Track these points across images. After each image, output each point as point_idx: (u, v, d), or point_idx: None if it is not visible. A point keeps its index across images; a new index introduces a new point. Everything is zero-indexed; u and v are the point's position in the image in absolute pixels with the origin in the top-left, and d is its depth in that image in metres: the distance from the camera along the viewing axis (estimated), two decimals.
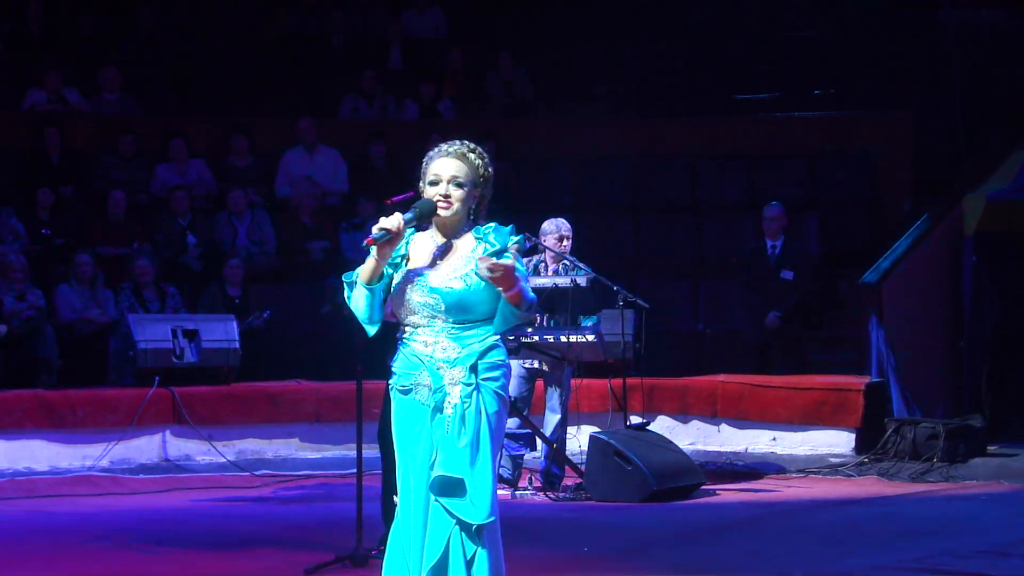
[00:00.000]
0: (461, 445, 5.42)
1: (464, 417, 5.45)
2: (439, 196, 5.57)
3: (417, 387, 5.54)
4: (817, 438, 12.54)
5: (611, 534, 9.05)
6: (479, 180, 5.63)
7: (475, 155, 5.66)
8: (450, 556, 5.40)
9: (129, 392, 12.35)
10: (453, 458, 5.41)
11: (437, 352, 5.52)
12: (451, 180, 5.58)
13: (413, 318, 5.56)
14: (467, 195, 5.59)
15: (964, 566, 7.81)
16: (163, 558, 8.30)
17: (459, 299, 5.50)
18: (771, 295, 13.73)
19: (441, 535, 5.41)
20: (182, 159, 15.94)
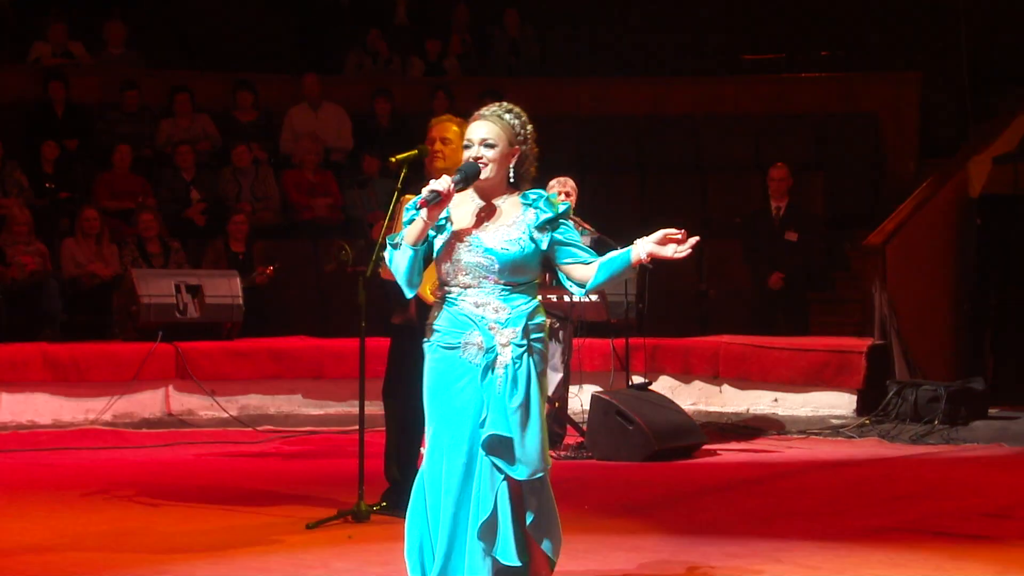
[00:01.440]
0: (513, 406, 5.50)
1: (516, 378, 5.53)
2: (472, 159, 5.63)
3: (466, 346, 5.59)
4: (819, 399, 12.55)
5: (613, 492, 9.08)
6: (515, 139, 5.69)
7: (511, 115, 5.72)
8: (499, 512, 5.50)
9: (132, 346, 12.37)
10: (505, 418, 5.49)
11: (488, 312, 5.58)
12: (481, 142, 5.64)
13: (464, 278, 5.61)
14: (500, 156, 5.64)
15: (965, 528, 7.83)
16: (165, 511, 8.33)
17: (514, 261, 5.58)
18: (775, 256, 13.73)
19: (490, 492, 5.50)
20: (187, 114, 15.93)
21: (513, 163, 5.70)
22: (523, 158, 5.72)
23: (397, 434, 8.13)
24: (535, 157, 5.77)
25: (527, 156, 5.74)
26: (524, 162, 5.73)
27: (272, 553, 7.08)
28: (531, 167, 5.76)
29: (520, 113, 5.76)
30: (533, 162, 5.76)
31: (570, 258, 5.67)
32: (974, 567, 6.78)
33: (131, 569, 6.67)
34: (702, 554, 7.03)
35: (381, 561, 6.85)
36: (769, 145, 16.35)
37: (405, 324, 8.00)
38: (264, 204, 15.29)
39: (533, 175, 5.79)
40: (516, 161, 5.71)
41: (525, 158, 5.73)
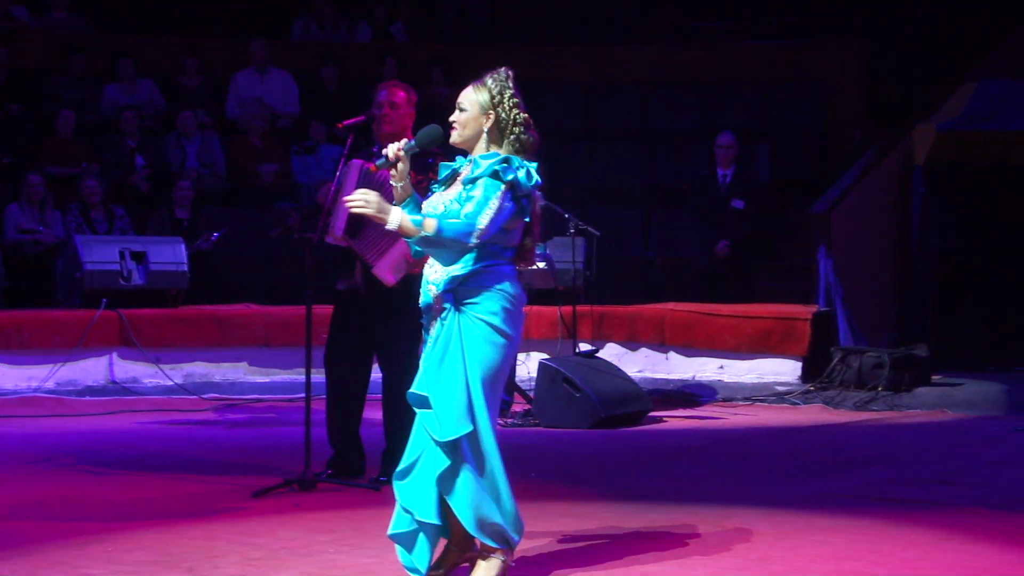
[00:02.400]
0: (429, 364, 5.66)
1: (438, 338, 5.67)
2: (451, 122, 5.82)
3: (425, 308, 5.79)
4: (764, 366, 12.60)
5: (559, 460, 9.10)
6: (489, 104, 5.77)
7: (492, 80, 5.82)
8: (418, 465, 5.67)
9: (76, 313, 12.28)
10: (422, 375, 5.69)
11: (431, 275, 5.75)
12: (457, 106, 5.81)
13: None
14: (471, 119, 5.78)
15: (908, 493, 7.89)
16: (109, 479, 8.29)
17: (450, 214, 5.67)
18: (721, 224, 13.75)
19: (417, 445, 5.71)
20: (131, 79, 15.79)
21: (487, 127, 5.77)
22: (501, 123, 5.77)
23: (339, 401, 8.11)
24: (523, 123, 5.81)
25: (506, 121, 5.77)
26: (504, 128, 5.78)
27: (217, 521, 7.06)
28: (516, 133, 5.79)
29: (503, 79, 5.82)
30: (515, 128, 5.80)
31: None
32: (917, 532, 6.83)
33: (74, 538, 6.63)
34: (648, 520, 7.06)
35: (327, 529, 6.84)
36: (715, 112, 16.36)
37: (350, 291, 7.98)
38: (210, 170, 15.19)
39: (529, 144, 5.82)
40: (491, 126, 5.77)
41: (504, 123, 5.77)
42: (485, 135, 5.79)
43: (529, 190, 5.74)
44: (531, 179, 5.74)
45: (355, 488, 7.80)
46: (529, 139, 5.82)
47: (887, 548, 6.49)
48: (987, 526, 6.97)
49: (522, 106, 5.83)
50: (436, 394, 5.62)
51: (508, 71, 5.85)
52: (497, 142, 5.79)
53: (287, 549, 6.43)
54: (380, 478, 7.81)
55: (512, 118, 5.79)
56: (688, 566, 6.13)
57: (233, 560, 6.21)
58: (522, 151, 5.79)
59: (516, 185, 5.69)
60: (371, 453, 8.12)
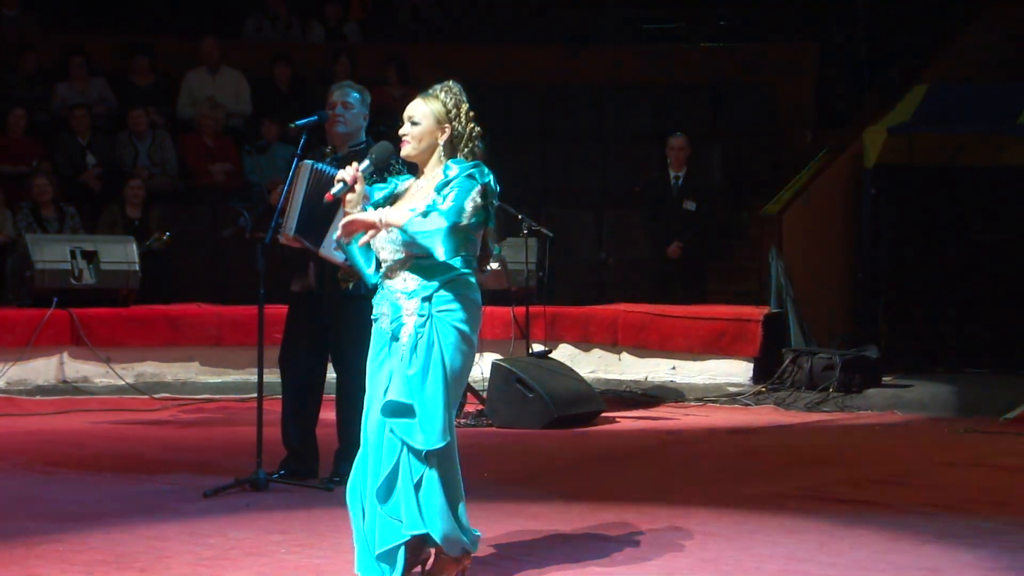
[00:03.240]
0: (411, 373, 5.60)
1: (416, 346, 5.61)
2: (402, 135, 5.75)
3: (382, 317, 5.72)
4: (716, 367, 12.65)
5: (512, 460, 9.11)
6: (444, 117, 5.73)
7: (445, 93, 5.78)
8: (399, 478, 5.60)
9: (26, 312, 12.21)
10: (403, 384, 5.60)
11: (398, 284, 5.68)
12: (408, 119, 5.75)
13: (382, 253, 5.70)
14: (425, 132, 5.73)
15: (859, 494, 7.94)
16: (61, 479, 8.25)
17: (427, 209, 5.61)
18: (673, 225, 13.80)
19: (390, 457, 5.62)
20: (83, 77, 15.70)
21: (443, 141, 5.74)
22: (456, 136, 5.76)
23: (294, 401, 8.10)
24: (475, 136, 5.80)
25: (461, 135, 5.77)
26: (459, 141, 5.76)
27: (168, 521, 7.04)
28: (470, 147, 5.78)
29: (455, 92, 5.79)
30: (470, 141, 5.79)
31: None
32: (867, 533, 6.87)
33: (24, 538, 6.60)
34: (601, 521, 7.07)
35: (279, 529, 6.83)
36: (668, 114, 16.41)
37: (303, 291, 7.97)
38: (161, 169, 15.12)
39: (479, 155, 5.79)
40: (447, 139, 5.75)
41: (459, 137, 5.76)
42: (440, 148, 5.75)
43: (495, 196, 5.74)
44: (495, 188, 5.74)
45: (307, 488, 7.78)
46: (480, 150, 5.81)
47: (837, 548, 6.54)
48: (936, 527, 7.01)
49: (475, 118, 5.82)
50: (421, 403, 5.58)
51: (458, 84, 5.82)
52: (450, 155, 5.76)
53: (239, 549, 6.42)
54: (333, 478, 7.80)
55: (468, 132, 5.77)
56: (640, 566, 6.15)
57: (185, 560, 6.19)
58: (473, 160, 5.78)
59: (488, 189, 5.68)
60: (324, 453, 8.10)
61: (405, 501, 5.59)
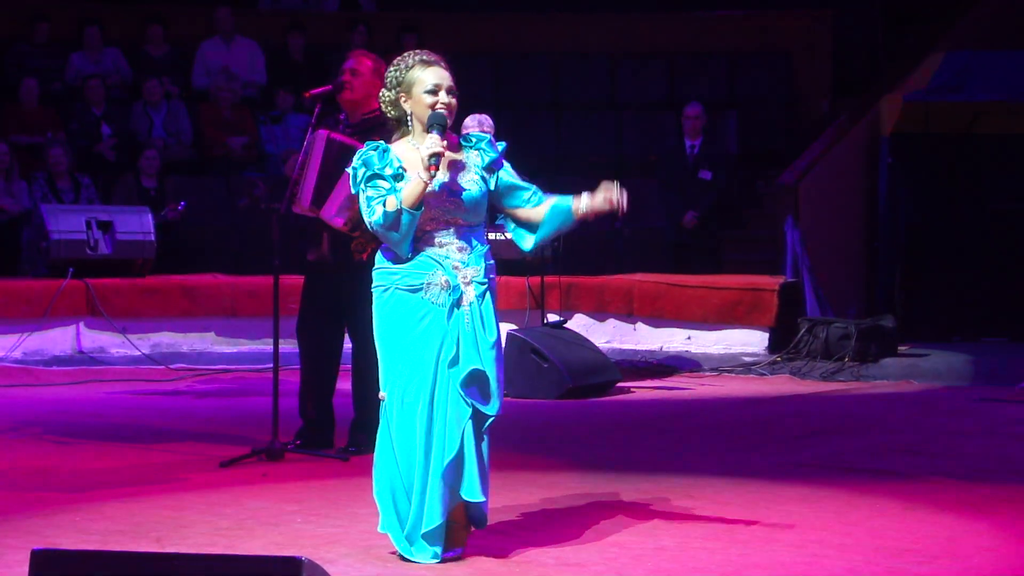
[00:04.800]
0: (490, 342, 5.72)
1: (483, 316, 5.73)
2: (441, 105, 5.76)
3: (429, 286, 5.69)
4: (731, 337, 12.64)
5: (527, 430, 9.11)
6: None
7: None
8: (465, 447, 5.67)
9: (42, 283, 12.23)
10: (479, 355, 5.69)
11: (452, 252, 5.71)
12: (449, 90, 5.81)
13: (431, 224, 5.71)
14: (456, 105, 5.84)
15: (874, 463, 7.93)
16: (77, 449, 8.27)
17: (476, 201, 5.75)
18: (689, 194, 13.77)
19: (457, 430, 5.66)
20: (97, 47, 15.69)
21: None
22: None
23: (311, 372, 8.11)
24: None
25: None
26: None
27: (185, 491, 7.05)
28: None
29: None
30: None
31: (516, 201, 5.90)
32: (882, 502, 6.87)
33: (41, 508, 6.62)
34: (616, 490, 7.08)
35: (295, 499, 6.84)
36: (683, 83, 16.36)
37: (319, 261, 7.96)
38: (176, 139, 15.12)
39: None
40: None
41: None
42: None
43: None
44: None
45: (323, 458, 7.80)
46: None
47: (853, 517, 6.53)
48: (952, 496, 7.01)
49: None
50: (495, 371, 5.74)
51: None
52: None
53: (255, 519, 6.43)
54: (349, 448, 7.82)
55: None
56: (655, 536, 6.15)
57: (201, 530, 6.20)
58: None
59: None
60: (340, 423, 8.11)
61: (470, 469, 5.65)
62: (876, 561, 5.73)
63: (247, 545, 5.91)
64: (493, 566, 5.64)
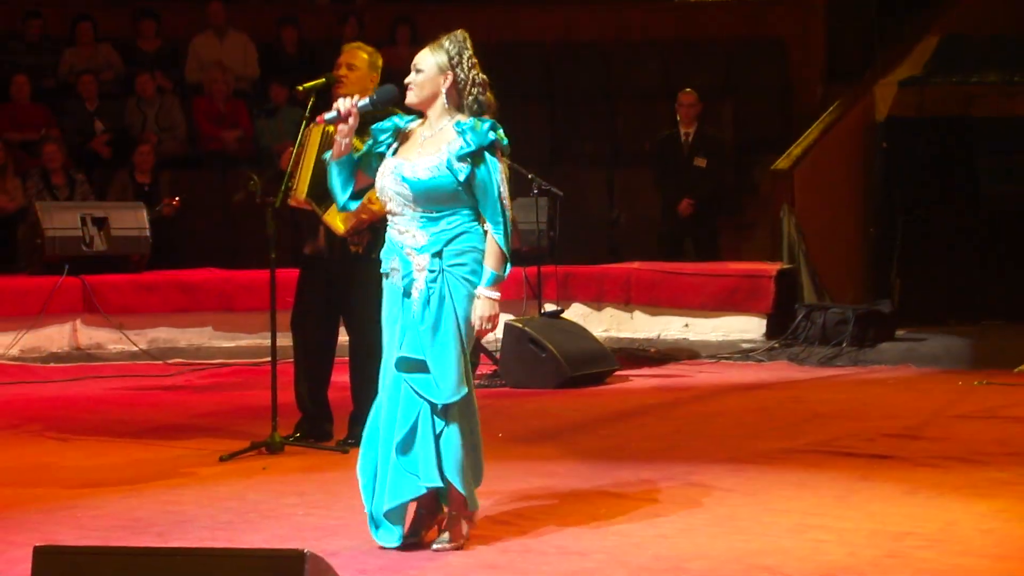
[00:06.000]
0: (423, 328, 5.64)
1: (428, 301, 5.66)
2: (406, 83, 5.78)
3: (392, 272, 5.76)
4: (729, 324, 12.64)
5: (526, 420, 9.11)
6: (447, 64, 5.74)
7: (450, 42, 5.77)
8: (418, 431, 5.64)
9: (38, 280, 12.21)
10: (416, 340, 5.65)
11: (407, 239, 5.71)
12: (413, 68, 5.77)
13: (390, 205, 5.75)
14: (427, 80, 5.74)
15: (873, 448, 7.92)
16: (76, 445, 8.27)
17: (425, 189, 5.67)
18: (685, 182, 13.76)
19: (411, 412, 5.65)
20: (89, 43, 15.66)
21: (445, 88, 5.75)
22: (460, 84, 5.76)
23: (306, 364, 8.10)
24: (480, 84, 5.80)
25: (464, 83, 5.76)
26: (462, 89, 5.76)
27: (185, 486, 7.05)
28: (474, 94, 5.78)
29: (461, 40, 5.79)
30: (473, 89, 5.78)
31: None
32: (883, 486, 6.87)
33: (41, 504, 6.62)
34: (616, 479, 7.08)
35: (296, 492, 6.84)
36: (677, 71, 16.33)
37: (315, 255, 7.96)
38: (170, 134, 15.10)
39: (487, 104, 5.80)
40: (449, 87, 5.75)
41: (463, 84, 5.76)
42: (443, 96, 5.76)
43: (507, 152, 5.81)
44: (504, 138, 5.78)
45: (323, 451, 7.80)
46: (487, 100, 5.81)
47: (853, 502, 6.53)
48: (952, 479, 7.01)
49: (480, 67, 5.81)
50: (435, 357, 5.63)
51: (464, 33, 5.82)
52: (455, 103, 5.77)
53: (256, 512, 6.43)
54: (348, 440, 7.81)
55: (471, 79, 5.76)
56: (656, 522, 6.16)
57: (202, 524, 6.20)
58: (479, 112, 5.78)
59: (501, 145, 5.76)
60: (338, 416, 8.11)
61: (423, 454, 5.63)
62: (877, 545, 5.74)
63: (249, 538, 5.91)
64: (493, 555, 5.64)
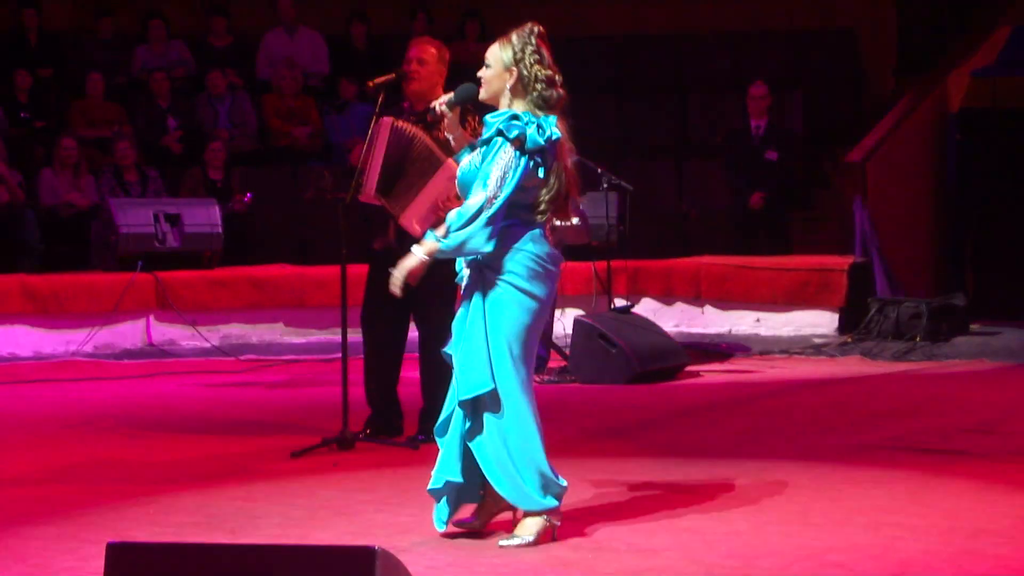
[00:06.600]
0: (456, 323, 5.77)
1: (465, 300, 5.77)
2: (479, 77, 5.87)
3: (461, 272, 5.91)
4: (800, 318, 12.57)
5: (596, 416, 9.09)
6: (512, 60, 5.76)
7: (517, 36, 5.79)
8: (452, 422, 5.78)
9: (112, 277, 12.32)
10: (453, 335, 5.79)
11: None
12: (484, 63, 5.83)
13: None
14: (494, 76, 5.79)
15: (947, 444, 7.85)
16: (148, 442, 8.32)
17: (462, 183, 5.80)
18: (755, 175, 13.69)
19: (452, 401, 5.80)
20: (161, 40, 15.78)
21: (510, 84, 5.76)
22: (523, 79, 5.75)
23: (376, 361, 8.11)
24: (544, 80, 5.78)
25: (528, 78, 5.75)
26: (527, 84, 5.76)
27: (257, 482, 7.08)
28: (538, 89, 5.76)
29: (526, 35, 5.79)
30: (537, 84, 5.77)
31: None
32: (957, 483, 6.80)
33: (115, 501, 6.66)
34: (687, 475, 7.05)
35: (366, 488, 6.85)
36: (747, 63, 16.26)
37: (384, 250, 7.96)
38: (241, 131, 15.19)
39: (551, 99, 5.78)
40: (514, 83, 5.76)
41: (526, 80, 5.75)
42: (508, 91, 5.77)
43: (542, 146, 5.68)
44: (543, 133, 5.67)
45: (393, 447, 7.81)
46: (553, 95, 5.78)
47: (927, 499, 6.47)
48: None
49: (546, 62, 5.78)
50: (458, 354, 5.72)
51: (535, 26, 5.81)
52: (520, 98, 5.78)
53: (327, 508, 6.44)
54: (418, 436, 7.82)
55: (533, 74, 5.75)
56: (728, 519, 6.12)
57: (274, 520, 6.22)
58: (544, 107, 5.76)
59: (524, 141, 5.65)
60: (409, 412, 8.12)
61: (450, 446, 5.76)
62: (952, 543, 5.68)
63: (320, 535, 5.93)
64: (565, 552, 5.62)
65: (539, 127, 5.67)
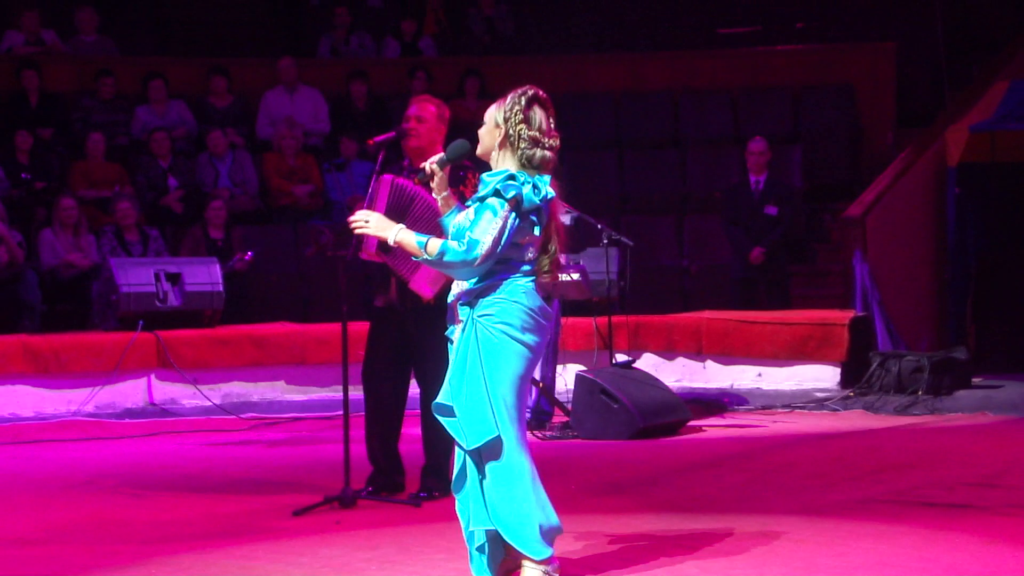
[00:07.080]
0: (450, 376, 5.85)
1: (460, 350, 5.84)
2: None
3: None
4: (803, 373, 12.55)
5: (598, 471, 9.07)
6: (501, 119, 5.88)
7: (511, 96, 5.91)
8: (467, 474, 5.87)
9: (113, 336, 12.32)
10: (446, 386, 5.87)
11: (455, 288, 5.96)
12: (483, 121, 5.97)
13: None
14: (486, 134, 5.94)
15: (951, 497, 7.83)
16: (150, 501, 8.30)
17: (456, 236, 5.87)
18: (755, 230, 13.71)
19: (461, 454, 5.89)
20: (161, 100, 15.85)
21: (498, 141, 5.89)
22: (510, 139, 5.86)
23: (377, 417, 8.10)
24: (528, 139, 5.86)
25: (513, 138, 5.85)
26: (513, 143, 5.86)
27: (259, 541, 7.05)
28: (522, 147, 5.85)
29: (517, 96, 5.91)
30: (521, 143, 5.86)
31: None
32: (961, 537, 6.77)
33: (116, 560, 6.64)
34: (691, 529, 7.02)
35: (369, 546, 6.83)
36: (746, 118, 16.34)
37: (386, 307, 7.97)
38: (242, 189, 15.23)
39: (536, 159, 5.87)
40: (501, 140, 5.89)
41: (512, 139, 5.86)
42: (497, 149, 5.91)
43: (537, 205, 5.81)
44: (539, 193, 5.80)
45: (396, 504, 7.79)
46: (537, 155, 5.87)
47: (932, 553, 6.45)
48: None
49: (534, 123, 5.86)
50: (460, 403, 5.79)
51: (531, 90, 5.91)
52: (509, 156, 5.89)
53: (329, 567, 6.42)
54: (420, 494, 7.80)
55: (518, 134, 5.86)
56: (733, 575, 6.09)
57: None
58: (530, 167, 5.86)
59: (520, 201, 5.76)
60: (411, 469, 8.10)
61: (473, 496, 5.82)
62: None
63: None
64: None
65: (535, 187, 5.79)
